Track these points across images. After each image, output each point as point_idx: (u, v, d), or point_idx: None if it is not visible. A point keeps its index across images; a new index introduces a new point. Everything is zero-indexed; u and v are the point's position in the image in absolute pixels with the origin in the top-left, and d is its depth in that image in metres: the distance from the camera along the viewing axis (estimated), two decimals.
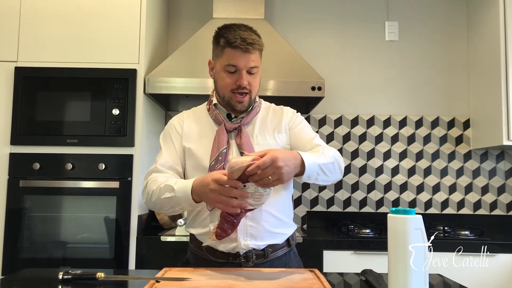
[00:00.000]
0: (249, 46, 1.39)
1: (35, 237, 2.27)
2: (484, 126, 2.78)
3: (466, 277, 1.99)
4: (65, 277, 1.22)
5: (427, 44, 3.03)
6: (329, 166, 1.37)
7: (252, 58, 1.41)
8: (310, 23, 3.05)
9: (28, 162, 2.29)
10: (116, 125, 2.32)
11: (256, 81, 1.46)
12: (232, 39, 1.39)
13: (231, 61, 1.41)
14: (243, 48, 1.38)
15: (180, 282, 1.17)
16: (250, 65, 1.41)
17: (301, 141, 1.51)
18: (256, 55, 1.43)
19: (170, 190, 1.35)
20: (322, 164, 1.34)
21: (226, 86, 1.44)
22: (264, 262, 1.43)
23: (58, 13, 2.39)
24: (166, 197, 1.36)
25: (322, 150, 1.41)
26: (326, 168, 1.36)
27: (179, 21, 3.06)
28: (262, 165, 1.16)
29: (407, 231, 1.02)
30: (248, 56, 1.40)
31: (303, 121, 1.58)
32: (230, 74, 1.43)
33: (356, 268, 2.07)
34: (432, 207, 2.91)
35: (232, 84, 1.43)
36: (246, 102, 1.45)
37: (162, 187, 1.38)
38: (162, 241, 2.25)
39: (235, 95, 1.44)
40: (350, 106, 3.00)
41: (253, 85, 1.45)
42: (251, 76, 1.44)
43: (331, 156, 1.39)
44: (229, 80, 1.43)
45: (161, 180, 1.41)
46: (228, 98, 1.45)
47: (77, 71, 2.35)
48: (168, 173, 1.48)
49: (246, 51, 1.39)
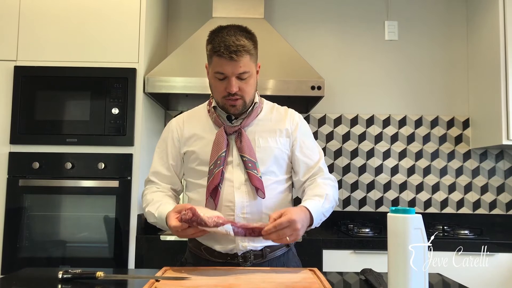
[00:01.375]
0: (233, 54, 1.33)
1: (34, 236, 2.27)
2: (484, 126, 2.78)
3: (466, 277, 1.98)
4: (64, 276, 1.22)
5: (427, 44, 3.03)
6: (329, 210, 1.45)
7: (240, 64, 1.36)
8: (310, 23, 3.05)
9: (28, 161, 2.29)
10: (116, 124, 2.32)
11: (249, 86, 1.41)
12: (217, 47, 1.35)
13: (219, 68, 1.38)
14: (226, 57, 1.34)
15: (180, 281, 1.17)
16: (238, 72, 1.37)
17: (306, 160, 1.51)
18: (244, 60, 1.36)
19: (152, 217, 1.44)
20: (324, 211, 1.42)
21: (218, 93, 1.43)
22: (262, 262, 1.43)
23: (58, 12, 2.39)
24: (152, 222, 1.47)
25: (326, 192, 1.44)
26: (327, 213, 1.44)
27: (178, 20, 3.05)
28: (278, 226, 1.22)
29: (407, 230, 1.02)
30: (235, 63, 1.35)
31: (308, 132, 1.57)
32: (220, 81, 1.40)
33: (355, 267, 2.07)
34: (431, 207, 2.92)
35: (223, 91, 1.41)
36: (240, 106, 1.43)
37: (146, 212, 1.48)
38: (161, 240, 2.25)
39: (227, 101, 1.42)
40: (349, 105, 2.99)
41: (244, 90, 1.40)
42: (242, 81, 1.39)
43: (332, 200, 1.45)
44: (219, 87, 1.41)
45: (148, 198, 1.50)
46: (222, 104, 1.44)
47: (76, 70, 2.34)
48: (160, 184, 1.55)
49: (231, 59, 1.34)
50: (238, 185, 1.42)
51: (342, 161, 2.95)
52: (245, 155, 1.41)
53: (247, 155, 1.41)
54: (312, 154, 1.52)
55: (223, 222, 1.24)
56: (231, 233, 1.24)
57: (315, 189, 1.45)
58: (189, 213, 1.23)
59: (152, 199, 1.48)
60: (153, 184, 1.56)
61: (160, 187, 1.54)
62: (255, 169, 1.40)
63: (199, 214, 1.22)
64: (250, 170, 1.40)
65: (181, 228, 1.26)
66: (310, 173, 1.51)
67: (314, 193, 1.43)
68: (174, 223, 1.27)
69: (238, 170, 1.43)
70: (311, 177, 1.51)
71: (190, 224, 1.24)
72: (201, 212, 1.23)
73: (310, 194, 1.44)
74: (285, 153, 1.49)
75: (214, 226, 1.23)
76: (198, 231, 1.26)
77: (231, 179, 1.42)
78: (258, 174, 1.40)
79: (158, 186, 1.55)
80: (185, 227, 1.26)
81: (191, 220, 1.23)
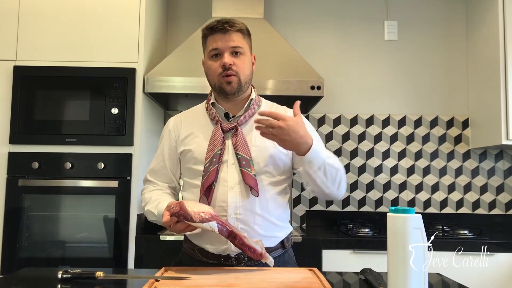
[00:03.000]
0: (226, 25, 1.40)
1: (34, 236, 2.27)
2: (483, 126, 2.79)
3: (465, 276, 1.99)
4: (64, 276, 1.22)
5: (427, 44, 3.03)
6: (331, 169, 1.37)
7: (233, 38, 1.41)
8: (309, 22, 3.05)
9: (27, 161, 2.29)
10: (115, 124, 2.32)
11: (243, 63, 1.43)
12: (210, 25, 1.44)
13: (213, 45, 1.43)
14: (221, 29, 1.41)
15: (179, 281, 1.17)
16: (231, 45, 1.41)
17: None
18: (237, 36, 1.43)
19: (153, 215, 1.46)
20: (327, 163, 1.35)
21: (213, 73, 1.44)
22: (257, 264, 1.41)
23: (57, 12, 2.39)
24: (153, 220, 1.48)
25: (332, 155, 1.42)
26: (329, 170, 1.36)
27: (178, 20, 3.05)
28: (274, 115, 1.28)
29: (407, 230, 1.02)
30: (228, 36, 1.41)
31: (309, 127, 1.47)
32: (215, 59, 1.44)
33: (355, 267, 2.07)
34: (431, 207, 2.92)
35: (218, 68, 1.42)
36: (235, 84, 1.42)
37: (146, 211, 1.50)
38: (161, 240, 2.25)
39: (223, 78, 1.42)
40: (349, 105, 3.00)
41: (239, 66, 1.42)
42: (236, 57, 1.43)
43: (338, 167, 1.40)
44: (214, 65, 1.43)
45: (147, 197, 1.51)
46: (219, 84, 1.44)
47: (76, 70, 2.34)
48: (157, 184, 1.57)
49: (225, 32, 1.40)
50: (232, 185, 1.40)
51: (341, 161, 2.93)
52: (240, 152, 1.39)
53: (241, 153, 1.39)
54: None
55: (209, 219, 1.24)
56: (216, 230, 1.24)
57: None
58: (177, 207, 1.24)
59: (150, 197, 1.49)
60: (151, 183, 1.58)
61: (157, 186, 1.56)
62: (249, 167, 1.38)
63: (186, 208, 1.23)
64: (244, 168, 1.38)
65: (171, 223, 1.26)
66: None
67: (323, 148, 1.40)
68: (165, 218, 1.28)
69: (233, 170, 1.42)
70: None
71: (178, 218, 1.24)
72: (189, 207, 1.24)
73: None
74: (282, 153, 1.45)
75: (199, 221, 1.22)
76: (186, 225, 1.26)
77: (226, 178, 1.41)
78: (252, 173, 1.38)
79: (155, 184, 1.56)
80: (174, 221, 1.26)
81: (178, 214, 1.23)
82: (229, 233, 1.27)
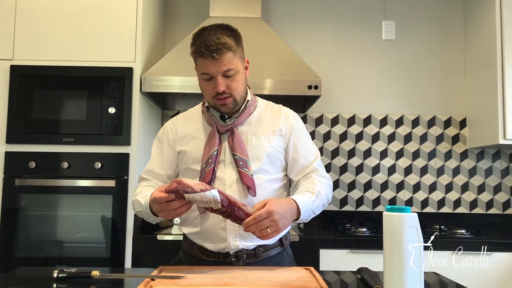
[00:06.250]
0: (214, 53, 1.33)
1: (31, 236, 2.26)
2: (480, 125, 2.79)
3: (463, 276, 1.99)
4: (60, 276, 1.22)
5: (424, 43, 3.03)
6: (319, 207, 1.45)
7: (223, 62, 1.35)
8: (307, 22, 3.05)
9: (24, 161, 2.28)
10: (112, 123, 2.31)
11: (236, 82, 1.41)
12: (197, 48, 1.36)
13: (203, 69, 1.39)
14: (208, 57, 1.35)
15: (175, 280, 1.17)
16: (223, 70, 1.37)
17: (301, 160, 1.50)
18: (227, 58, 1.36)
19: (139, 205, 1.41)
20: (314, 208, 1.42)
21: (207, 94, 1.44)
22: (256, 261, 1.43)
23: (54, 11, 2.38)
24: (138, 211, 1.44)
25: (318, 189, 1.43)
26: (317, 210, 1.44)
27: (175, 20, 3.05)
28: (258, 217, 1.23)
29: (403, 229, 1.02)
30: (218, 62, 1.35)
31: (304, 131, 1.55)
32: (207, 81, 1.41)
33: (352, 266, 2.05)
34: (428, 206, 2.92)
35: (211, 91, 1.41)
36: (230, 104, 1.42)
37: (134, 201, 1.46)
38: (158, 239, 2.25)
39: (217, 100, 1.42)
40: (346, 105, 3.00)
41: (232, 88, 1.40)
42: (229, 79, 1.39)
43: (324, 198, 1.46)
44: (208, 87, 1.42)
45: (137, 191, 1.49)
46: (213, 104, 1.45)
47: (73, 70, 2.34)
48: (152, 180, 1.54)
49: (213, 59, 1.34)
50: (230, 183, 1.42)
51: (339, 161, 2.95)
52: (236, 153, 1.41)
53: (238, 154, 1.40)
54: (307, 153, 1.52)
55: (210, 188, 1.21)
56: (218, 199, 1.20)
57: (308, 185, 1.45)
58: (174, 184, 1.21)
59: (141, 191, 1.47)
60: (145, 180, 1.56)
61: (151, 182, 1.54)
62: (246, 167, 1.40)
63: (185, 181, 1.20)
64: (241, 168, 1.39)
65: (165, 200, 1.22)
66: (304, 173, 1.51)
67: (306, 188, 1.43)
68: (158, 194, 1.24)
69: (230, 169, 1.43)
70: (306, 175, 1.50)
71: (176, 194, 1.21)
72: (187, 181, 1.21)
73: (302, 188, 1.44)
74: (279, 151, 1.49)
75: (200, 191, 1.19)
76: (183, 203, 1.23)
77: (223, 177, 1.42)
78: (249, 173, 1.39)
79: (149, 181, 1.55)
80: (171, 199, 1.22)
81: (177, 189, 1.20)
82: (229, 203, 1.23)
